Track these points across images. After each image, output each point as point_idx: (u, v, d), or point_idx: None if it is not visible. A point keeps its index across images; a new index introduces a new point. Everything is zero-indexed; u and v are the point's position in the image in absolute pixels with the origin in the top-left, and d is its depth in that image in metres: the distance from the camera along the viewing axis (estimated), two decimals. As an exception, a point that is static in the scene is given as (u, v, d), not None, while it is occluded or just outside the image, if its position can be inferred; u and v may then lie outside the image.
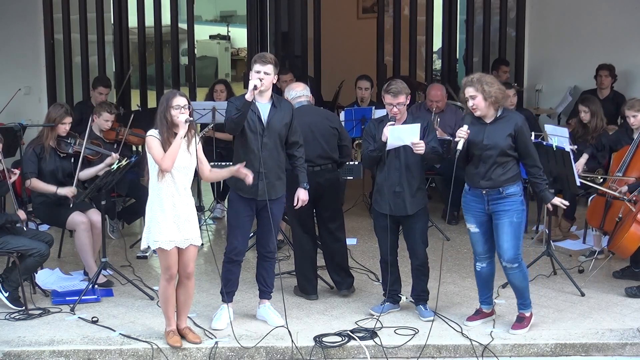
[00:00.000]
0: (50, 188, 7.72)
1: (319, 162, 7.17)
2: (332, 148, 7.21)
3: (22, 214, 7.24)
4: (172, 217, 6.26)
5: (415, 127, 6.64)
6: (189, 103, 6.22)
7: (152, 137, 6.20)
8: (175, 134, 6.17)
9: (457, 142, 6.47)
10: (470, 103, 6.44)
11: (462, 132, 6.47)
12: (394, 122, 6.72)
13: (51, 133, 7.83)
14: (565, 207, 6.60)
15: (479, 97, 6.40)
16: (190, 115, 6.21)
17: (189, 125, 6.19)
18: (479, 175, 6.51)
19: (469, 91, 6.42)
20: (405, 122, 6.79)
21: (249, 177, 6.41)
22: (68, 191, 7.70)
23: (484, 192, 6.51)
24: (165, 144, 6.16)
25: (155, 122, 6.25)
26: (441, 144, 7.10)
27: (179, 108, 6.16)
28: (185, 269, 6.42)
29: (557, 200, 6.57)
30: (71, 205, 7.69)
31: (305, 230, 7.32)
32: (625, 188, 7.76)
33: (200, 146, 6.38)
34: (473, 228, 6.65)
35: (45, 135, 7.83)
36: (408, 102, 6.80)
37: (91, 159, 8.30)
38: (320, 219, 7.34)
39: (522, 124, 6.45)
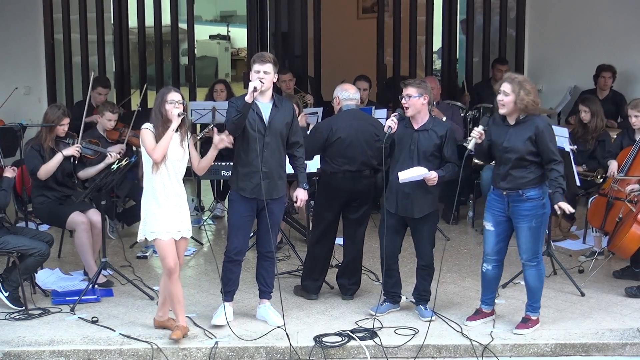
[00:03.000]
0: (56, 157, 7.74)
1: (358, 168, 7.15)
2: (373, 155, 7.16)
3: (9, 172, 7.21)
4: (166, 208, 6.35)
5: (420, 168, 6.65)
6: (183, 99, 6.36)
7: (147, 129, 6.35)
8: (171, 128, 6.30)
9: (468, 141, 6.50)
10: (500, 97, 6.44)
11: (475, 132, 6.48)
12: (397, 114, 6.71)
13: (49, 134, 7.83)
14: (569, 213, 6.53)
15: (511, 97, 6.38)
16: (184, 110, 6.35)
17: (182, 121, 6.32)
18: (500, 177, 6.53)
19: (506, 87, 6.40)
20: (424, 125, 6.77)
21: (228, 138, 6.52)
22: (72, 150, 7.82)
23: (504, 192, 6.52)
24: (159, 137, 6.30)
25: (151, 117, 6.39)
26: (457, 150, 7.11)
27: (174, 103, 6.31)
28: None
29: (564, 205, 6.41)
30: (76, 162, 7.86)
31: (328, 231, 7.31)
32: (637, 186, 7.71)
33: (192, 141, 6.50)
34: (489, 226, 6.66)
35: (44, 137, 7.83)
36: (425, 101, 6.77)
37: (90, 158, 8.32)
38: (348, 221, 7.31)
39: (543, 127, 6.39)
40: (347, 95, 7.30)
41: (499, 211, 6.60)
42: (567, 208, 6.42)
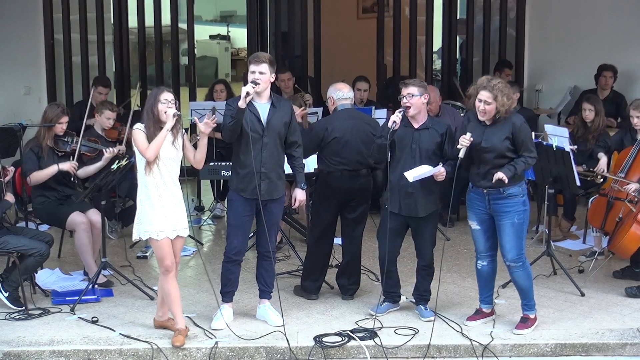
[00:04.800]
0: (51, 169, 7.74)
1: (355, 167, 7.15)
2: (370, 154, 7.15)
3: (10, 197, 7.22)
4: (160, 208, 6.36)
5: (425, 167, 6.65)
6: (175, 99, 6.37)
7: (138, 130, 6.34)
8: (161, 128, 6.31)
9: (458, 150, 6.48)
10: (481, 107, 6.41)
11: (465, 141, 6.45)
12: (402, 111, 6.70)
13: (48, 133, 7.84)
14: (500, 179, 6.42)
15: (493, 105, 6.37)
16: (177, 110, 6.35)
17: (175, 121, 6.32)
18: (480, 176, 6.52)
19: (486, 95, 6.37)
20: (424, 123, 6.78)
21: (211, 120, 6.47)
22: (69, 166, 7.78)
23: (484, 191, 6.52)
24: (151, 137, 6.30)
25: (142, 117, 6.39)
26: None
27: (167, 102, 6.31)
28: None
29: (498, 174, 6.34)
30: (72, 179, 7.80)
31: (326, 231, 7.31)
32: (637, 186, 7.70)
33: (186, 138, 6.51)
34: (474, 225, 6.66)
35: (42, 136, 7.84)
36: (425, 100, 6.77)
37: (89, 156, 8.32)
38: (346, 221, 7.31)
39: (520, 124, 6.43)
40: (342, 94, 7.30)
41: (480, 209, 6.60)
42: (500, 176, 6.33)
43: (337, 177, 7.13)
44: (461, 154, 6.46)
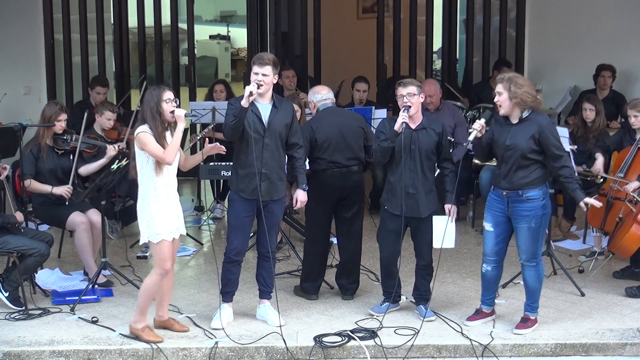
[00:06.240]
0: (46, 188, 7.75)
1: (346, 164, 7.15)
2: (360, 148, 7.19)
3: (19, 216, 7.23)
4: (168, 209, 6.36)
5: (437, 219, 6.73)
6: (175, 97, 6.36)
7: (145, 133, 6.24)
8: (167, 128, 6.29)
9: (469, 134, 6.50)
10: (496, 99, 6.48)
11: (477, 125, 6.48)
12: (407, 109, 6.70)
13: (47, 131, 7.84)
14: (598, 207, 6.57)
15: (504, 95, 6.41)
16: (178, 107, 6.34)
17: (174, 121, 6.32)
18: (501, 176, 6.53)
19: (498, 87, 6.46)
20: (421, 123, 6.78)
21: (218, 147, 6.57)
22: (63, 190, 7.73)
23: (504, 193, 6.52)
24: (160, 138, 6.23)
25: (144, 118, 6.29)
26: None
27: (170, 102, 6.28)
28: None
29: (589, 200, 6.48)
30: (67, 203, 7.73)
31: (322, 231, 7.30)
32: (637, 184, 7.70)
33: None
34: (488, 227, 6.66)
35: (42, 135, 7.84)
36: (422, 99, 6.78)
37: (89, 152, 8.32)
38: (341, 220, 7.31)
39: (546, 125, 6.41)
40: (321, 96, 7.32)
41: (498, 212, 6.60)
42: (594, 202, 6.46)
43: (328, 175, 7.13)
44: (471, 138, 6.50)
